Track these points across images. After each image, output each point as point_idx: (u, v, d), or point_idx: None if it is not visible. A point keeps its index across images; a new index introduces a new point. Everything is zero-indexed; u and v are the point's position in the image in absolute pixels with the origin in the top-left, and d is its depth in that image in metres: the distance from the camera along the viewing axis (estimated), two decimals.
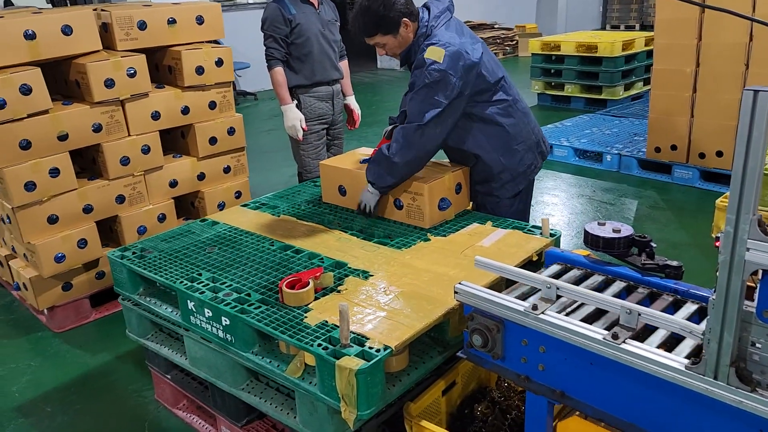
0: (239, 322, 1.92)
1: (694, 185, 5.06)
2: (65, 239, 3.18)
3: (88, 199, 3.27)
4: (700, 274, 3.32)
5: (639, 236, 1.84)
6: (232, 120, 3.78)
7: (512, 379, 1.66)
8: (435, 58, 2.38)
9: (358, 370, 1.62)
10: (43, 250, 3.11)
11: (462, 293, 1.68)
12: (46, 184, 3.08)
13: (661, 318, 1.42)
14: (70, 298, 3.33)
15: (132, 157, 3.37)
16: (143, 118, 3.39)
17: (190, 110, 3.57)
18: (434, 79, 2.37)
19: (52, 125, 3.06)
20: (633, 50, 7.74)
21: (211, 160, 3.74)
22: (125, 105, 3.31)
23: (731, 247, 1.17)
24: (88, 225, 3.27)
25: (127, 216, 3.42)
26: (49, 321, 3.35)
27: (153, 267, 2.30)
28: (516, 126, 2.59)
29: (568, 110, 7.90)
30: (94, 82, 3.14)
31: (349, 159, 2.88)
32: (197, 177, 3.70)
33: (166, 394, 2.60)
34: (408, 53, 2.56)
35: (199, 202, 3.78)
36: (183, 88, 3.53)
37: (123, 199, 3.40)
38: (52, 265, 3.16)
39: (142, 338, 2.47)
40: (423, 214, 2.52)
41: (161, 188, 3.55)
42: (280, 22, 3.47)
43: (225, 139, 3.76)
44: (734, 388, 1.24)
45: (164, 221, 3.56)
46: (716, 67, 4.77)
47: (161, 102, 3.45)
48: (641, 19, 15.70)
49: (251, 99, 9.87)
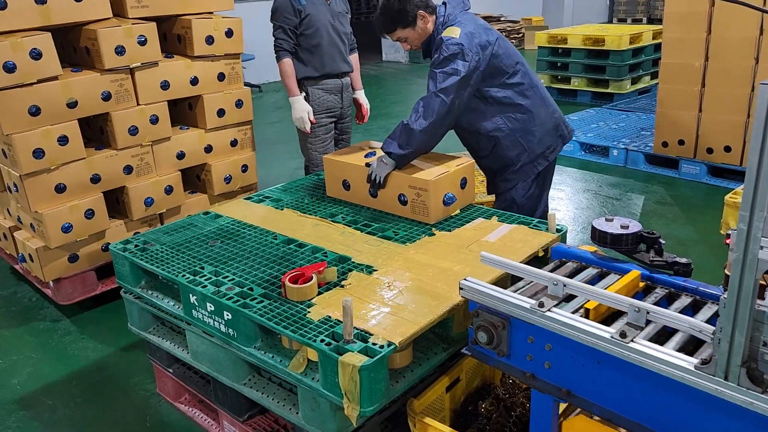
0: (241, 316, 1.91)
1: (702, 180, 5.02)
2: (73, 209, 3.16)
3: (96, 169, 3.23)
4: (709, 270, 3.28)
5: (647, 232, 1.81)
6: (240, 92, 3.74)
7: (518, 376, 1.63)
8: (452, 35, 2.53)
9: (361, 366, 1.60)
10: (50, 219, 3.08)
11: (467, 289, 1.66)
12: (55, 152, 3.04)
13: (669, 316, 1.40)
14: (76, 270, 3.30)
15: (140, 127, 3.33)
16: (152, 87, 3.35)
17: (198, 81, 3.54)
18: (452, 52, 2.50)
19: (61, 92, 3.03)
20: (640, 44, 7.67)
21: (219, 133, 3.70)
22: (135, 74, 3.27)
23: (744, 245, 1.14)
24: (95, 195, 3.24)
25: (135, 187, 3.38)
26: (56, 293, 3.31)
27: (155, 260, 2.28)
28: (534, 107, 2.68)
29: (574, 104, 7.84)
30: (105, 49, 3.10)
31: (353, 153, 2.85)
32: (204, 149, 3.67)
33: (167, 388, 2.59)
34: (429, 45, 2.68)
35: (205, 174, 3.74)
36: (192, 57, 3.50)
37: (131, 170, 3.36)
38: (59, 236, 3.13)
39: (143, 332, 2.46)
40: (427, 209, 2.48)
41: (169, 159, 3.52)
42: (289, 13, 3.42)
43: (233, 112, 3.72)
44: (745, 389, 1.21)
45: (171, 193, 3.54)
46: (725, 62, 4.72)
47: (170, 71, 3.41)
48: (649, 12, 15.56)
49: (256, 91, 9.84)
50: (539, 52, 8.20)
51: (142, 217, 3.47)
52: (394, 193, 2.58)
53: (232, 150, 3.79)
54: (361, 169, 2.66)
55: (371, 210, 2.65)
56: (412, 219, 2.53)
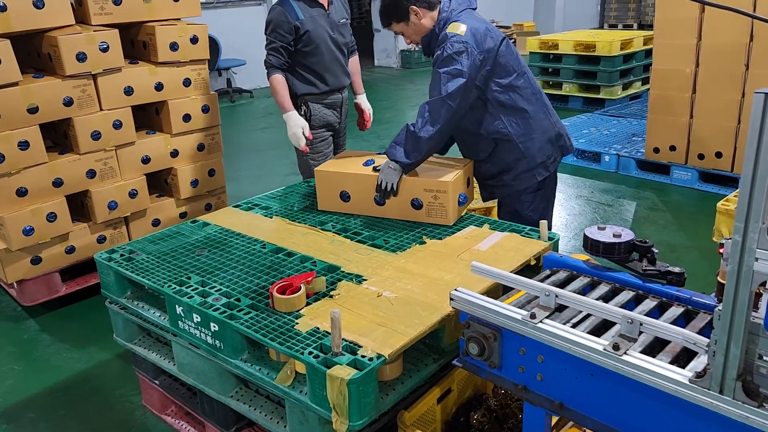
0: (228, 328, 1.87)
1: (693, 186, 5.02)
2: (34, 212, 3.19)
3: (59, 173, 3.26)
4: (701, 277, 3.27)
5: (640, 241, 1.79)
6: (206, 98, 3.77)
7: (509, 388, 1.61)
8: (457, 31, 2.46)
9: (349, 380, 1.56)
10: (11, 222, 3.11)
11: (458, 300, 1.63)
12: (16, 157, 3.08)
13: (663, 328, 1.37)
14: (39, 272, 3.33)
15: (103, 132, 3.37)
16: (116, 93, 3.39)
17: (164, 86, 3.57)
18: (456, 50, 2.43)
19: (22, 97, 3.06)
20: (631, 49, 7.70)
21: (185, 137, 3.73)
22: (97, 79, 3.31)
23: (739, 256, 1.12)
24: (58, 199, 3.27)
25: (98, 191, 3.41)
26: (20, 295, 3.35)
27: (141, 270, 2.24)
28: (536, 113, 2.62)
29: (566, 109, 7.85)
30: (66, 55, 3.14)
31: (346, 162, 2.79)
32: (170, 154, 3.69)
33: (153, 400, 2.54)
34: (429, 42, 2.62)
35: (172, 179, 3.76)
36: (157, 63, 3.52)
37: (94, 174, 3.40)
38: (20, 238, 3.16)
39: (129, 343, 2.41)
40: (446, 210, 2.47)
41: (133, 164, 3.55)
42: (284, 30, 3.18)
43: (199, 117, 3.75)
44: (741, 402, 1.19)
45: (136, 197, 3.57)
46: (716, 68, 4.73)
47: (134, 77, 3.45)
48: (639, 18, 15.67)
49: (247, 96, 9.80)
50: (531, 58, 8.21)
51: (105, 220, 3.50)
52: (405, 199, 2.52)
53: (198, 154, 3.82)
54: (364, 178, 2.58)
55: (361, 218, 2.61)
56: (401, 227, 2.50)
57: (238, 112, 9.04)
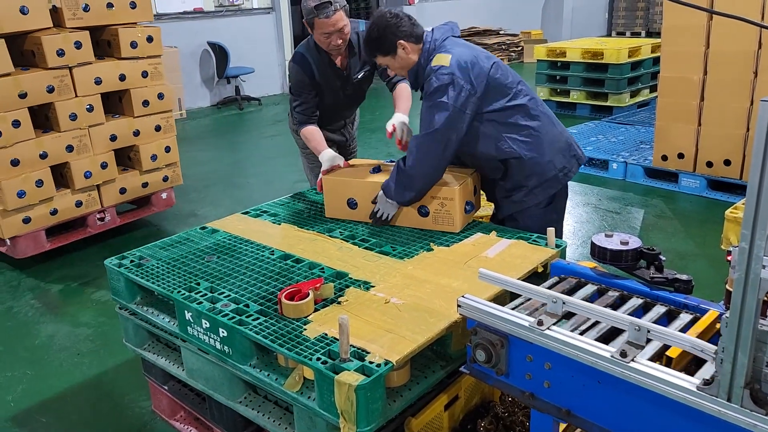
0: (237, 333, 1.88)
1: (702, 194, 5.01)
2: (25, 179, 3.93)
3: (44, 147, 4.03)
4: (708, 285, 3.26)
5: (648, 248, 1.79)
6: (161, 87, 4.60)
7: (516, 396, 1.61)
8: (441, 63, 2.40)
9: (357, 385, 1.57)
10: (7, 187, 3.85)
11: (465, 307, 1.64)
12: (9, 133, 3.81)
13: (671, 336, 1.37)
14: (29, 230, 4.05)
15: (79, 114, 4.15)
16: (88, 82, 4.18)
17: (126, 77, 4.38)
18: (442, 82, 2.37)
19: (13, 85, 3.81)
20: (639, 57, 7.69)
21: (145, 119, 4.54)
22: (73, 71, 4.08)
23: (746, 264, 1.12)
24: (43, 168, 4.03)
25: (75, 162, 4.19)
26: (11, 249, 4.07)
27: (151, 276, 2.26)
28: (542, 128, 2.53)
29: (573, 117, 7.85)
30: (48, 51, 3.91)
31: (353, 170, 2.81)
32: (133, 133, 4.50)
33: (163, 405, 2.56)
34: (416, 76, 2.55)
35: (134, 154, 4.59)
36: (120, 58, 4.34)
37: (72, 149, 4.17)
38: (14, 200, 3.89)
39: (138, 348, 2.43)
40: (453, 218, 2.49)
41: (103, 141, 4.33)
42: (306, 89, 3.09)
43: (156, 103, 4.58)
44: (748, 410, 1.19)
45: (106, 168, 4.37)
46: (724, 75, 4.72)
47: (102, 70, 4.25)
48: (647, 26, 15.66)
49: (255, 104, 9.86)
50: (538, 66, 8.23)
51: (82, 187, 4.27)
52: (413, 207, 2.56)
53: (156, 134, 4.63)
54: (371, 185, 2.60)
55: (369, 225, 2.63)
56: (409, 234, 2.51)
57: (246, 119, 9.10)
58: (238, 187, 5.93)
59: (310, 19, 2.86)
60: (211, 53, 9.69)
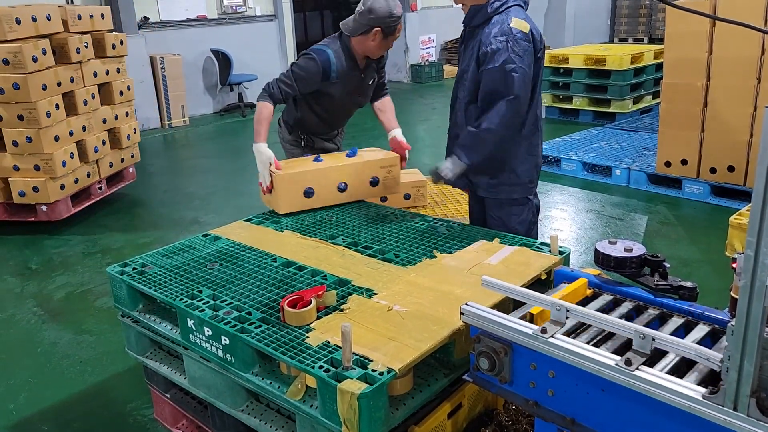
0: (239, 341, 1.87)
1: (705, 200, 4.99)
2: (65, 152, 4.92)
3: (71, 127, 5.05)
4: (713, 292, 3.24)
5: (652, 255, 1.78)
6: (128, 81, 5.83)
7: (520, 404, 1.60)
8: (521, 28, 2.50)
9: (360, 394, 1.56)
10: (56, 158, 4.80)
11: (468, 314, 1.63)
12: (53, 115, 4.80)
13: (675, 343, 1.36)
14: (64, 195, 4.99)
15: (88, 101, 5.25)
16: (90, 76, 5.25)
17: (110, 72, 5.54)
18: (522, 48, 2.48)
19: (54, 76, 4.79)
20: (642, 63, 7.69)
21: (121, 107, 5.74)
22: (82, 66, 5.15)
23: (752, 271, 1.11)
24: (71, 144, 5.04)
25: (89, 139, 5.24)
26: (48, 213, 4.93)
27: (153, 283, 2.25)
28: (532, 135, 2.70)
29: (576, 123, 7.85)
30: (72, 50, 4.99)
31: (297, 163, 3.05)
32: (114, 117, 5.66)
33: (165, 414, 2.55)
34: (477, 12, 2.59)
35: (115, 134, 5.69)
36: (105, 57, 5.45)
37: (85, 129, 5.24)
38: (60, 169, 4.85)
39: (141, 356, 2.42)
40: (397, 182, 2.99)
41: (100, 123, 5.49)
42: (312, 82, 3.02)
43: (126, 93, 5.80)
44: (755, 419, 1.18)
45: (105, 144, 5.51)
46: (727, 81, 4.72)
47: (96, 66, 5.34)
48: (649, 32, 15.66)
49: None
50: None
51: (92, 160, 5.32)
52: (364, 179, 2.91)
53: (127, 119, 5.81)
54: (324, 172, 2.88)
55: (371, 232, 2.63)
56: (409, 240, 2.51)
57: (249, 127, 9.05)
58: (240, 194, 5.93)
59: (392, 25, 2.89)
60: (214, 60, 9.72)
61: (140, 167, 7.35)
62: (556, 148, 6.26)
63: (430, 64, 12.36)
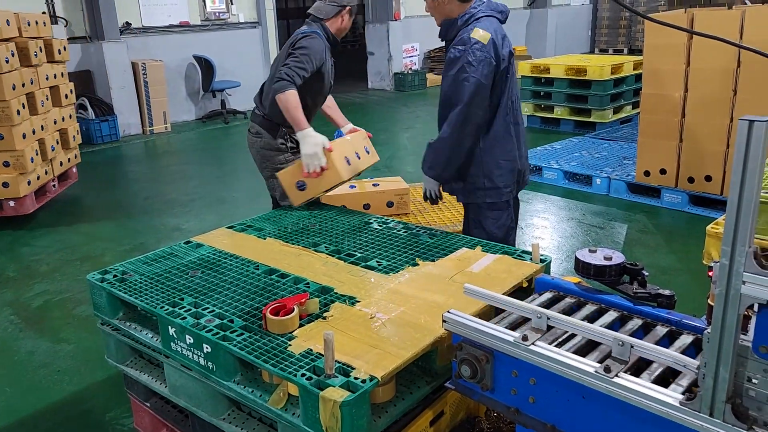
0: (221, 349, 1.86)
1: (683, 209, 5.07)
2: (32, 148, 5.27)
3: (34, 125, 5.34)
4: (691, 300, 3.29)
5: (631, 264, 1.81)
6: (70, 84, 6.19)
7: (502, 411, 1.61)
8: (480, 39, 2.57)
9: (342, 402, 1.56)
10: (26, 154, 5.11)
11: (450, 322, 1.64)
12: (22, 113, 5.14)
13: (654, 351, 1.38)
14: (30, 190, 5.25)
15: (44, 102, 5.62)
16: (43, 78, 5.62)
17: (57, 76, 5.90)
18: (477, 58, 2.54)
19: (20, 78, 5.13)
20: (622, 74, 7.81)
21: (66, 109, 6.09)
22: (38, 69, 5.53)
23: (726, 280, 1.14)
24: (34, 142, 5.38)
25: (47, 138, 5.60)
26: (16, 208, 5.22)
27: (134, 291, 2.23)
28: (508, 142, 2.76)
29: (557, 133, 7.93)
30: (32, 53, 5.33)
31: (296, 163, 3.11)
32: (62, 119, 6.03)
33: (145, 423, 2.52)
34: (448, 28, 2.71)
35: (63, 135, 6.03)
36: (53, 62, 5.85)
37: (43, 128, 5.57)
38: (29, 165, 5.18)
39: (121, 364, 2.39)
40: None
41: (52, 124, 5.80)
42: (319, 60, 3.07)
43: (70, 96, 6.19)
44: (730, 425, 1.20)
45: (59, 144, 5.93)
46: (705, 93, 4.81)
47: (48, 70, 5.73)
48: (629, 43, 15.92)
49: (241, 118, 9.84)
50: (523, 82, 8.31)
51: (50, 159, 5.64)
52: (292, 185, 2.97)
53: (70, 120, 6.18)
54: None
55: (354, 239, 2.63)
56: (394, 248, 2.52)
57: (232, 133, 9.08)
58: (223, 201, 5.91)
59: (358, 3, 3.18)
60: (197, 67, 9.68)
61: (121, 173, 7.30)
62: (538, 157, 6.32)
63: (414, 72, 12.43)
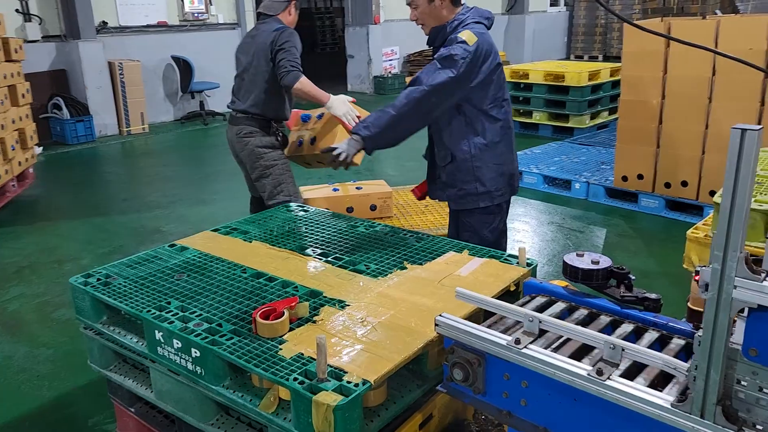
0: (210, 354, 1.85)
1: (660, 214, 5.16)
2: None
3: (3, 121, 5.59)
4: (671, 303, 3.34)
5: (618, 268, 1.83)
6: (26, 84, 6.23)
7: (493, 414, 1.62)
8: (467, 39, 2.59)
9: (336, 406, 1.56)
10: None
11: (443, 326, 1.65)
12: None
13: (645, 354, 1.41)
14: None
15: (3, 101, 5.61)
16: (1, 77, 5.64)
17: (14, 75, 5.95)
18: (458, 54, 2.56)
19: None
20: (599, 80, 7.93)
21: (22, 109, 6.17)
22: None
23: (718, 284, 1.17)
24: None
25: (7, 137, 5.60)
26: None
27: (118, 295, 2.20)
28: (500, 146, 2.80)
29: (536, 137, 8.02)
30: None
31: None
32: (20, 118, 6.03)
33: (129, 428, 2.48)
34: (438, 34, 2.74)
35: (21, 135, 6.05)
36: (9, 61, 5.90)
37: (3, 127, 5.58)
38: None
39: (104, 369, 2.36)
40: None
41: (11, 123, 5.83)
42: (300, 47, 3.47)
43: (27, 96, 6.25)
44: (721, 427, 1.23)
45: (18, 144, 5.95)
46: (681, 100, 4.91)
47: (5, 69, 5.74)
48: (604, 50, 16.19)
49: (220, 119, 9.77)
50: None
51: (9, 158, 5.64)
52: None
53: (27, 120, 6.23)
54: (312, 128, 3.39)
55: (341, 242, 2.63)
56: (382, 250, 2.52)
57: (211, 135, 9.00)
58: (204, 203, 5.85)
59: None
60: (175, 67, 9.59)
61: (97, 175, 7.19)
62: (519, 162, 6.37)
63: (393, 76, 12.47)
